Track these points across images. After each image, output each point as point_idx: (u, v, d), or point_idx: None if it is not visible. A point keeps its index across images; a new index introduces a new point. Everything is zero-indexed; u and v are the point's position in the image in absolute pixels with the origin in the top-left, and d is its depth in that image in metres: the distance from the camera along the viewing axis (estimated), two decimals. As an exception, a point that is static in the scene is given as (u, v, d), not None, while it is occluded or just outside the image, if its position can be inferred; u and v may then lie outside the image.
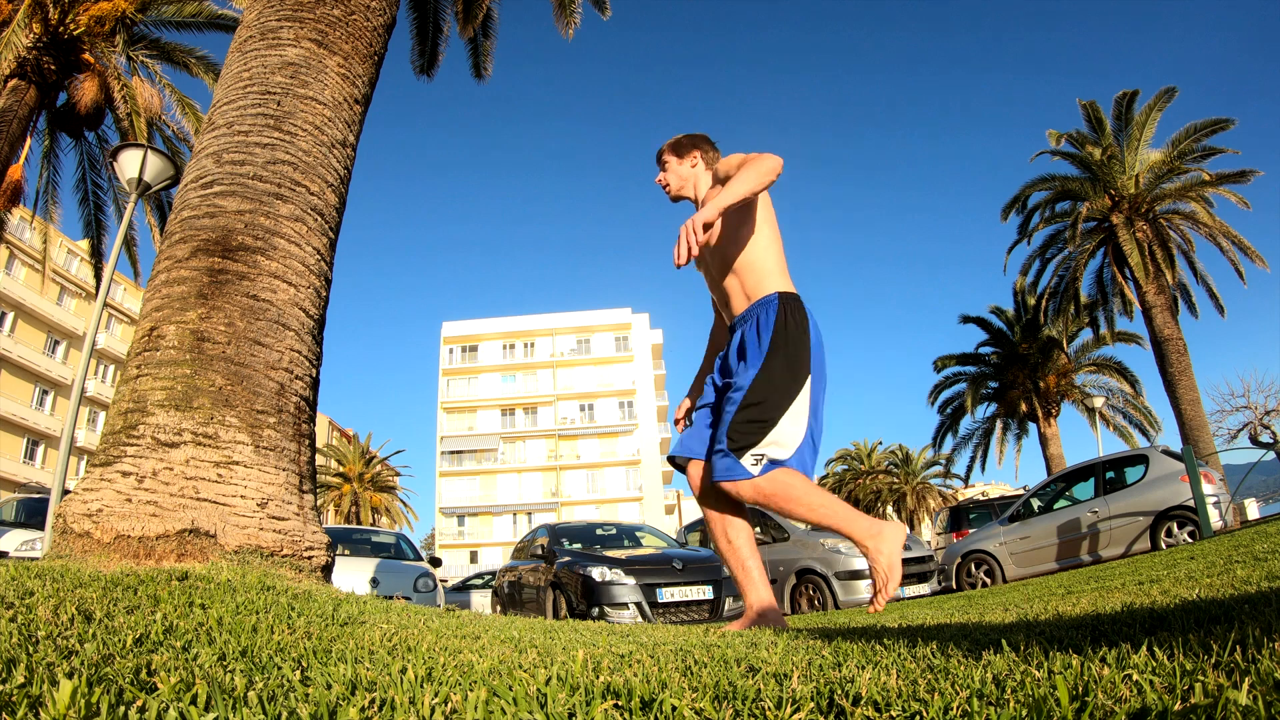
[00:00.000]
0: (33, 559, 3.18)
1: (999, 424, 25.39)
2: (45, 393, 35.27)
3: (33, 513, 9.66)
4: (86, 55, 11.23)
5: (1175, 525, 7.82)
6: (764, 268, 2.34)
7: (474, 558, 46.71)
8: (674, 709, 0.82)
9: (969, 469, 26.62)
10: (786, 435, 2.15)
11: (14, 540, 8.15)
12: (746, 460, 2.14)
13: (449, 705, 0.86)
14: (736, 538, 2.37)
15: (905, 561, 7.95)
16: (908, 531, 2.23)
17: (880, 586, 2.13)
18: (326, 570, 3.33)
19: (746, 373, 2.22)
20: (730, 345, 2.38)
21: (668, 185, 2.68)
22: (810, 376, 2.21)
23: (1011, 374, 23.93)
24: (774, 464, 2.15)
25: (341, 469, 41.64)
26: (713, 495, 2.36)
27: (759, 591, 2.32)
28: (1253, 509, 27.50)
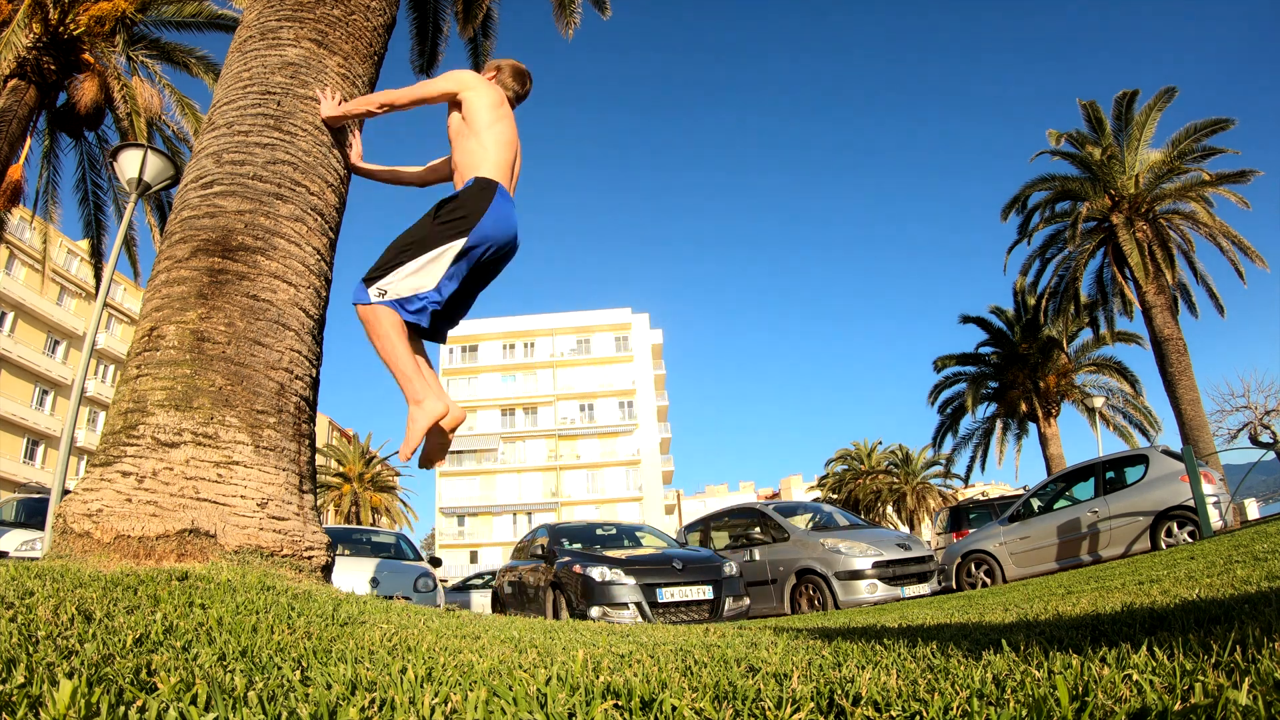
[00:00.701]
0: (33, 559, 3.18)
1: (999, 424, 25.39)
2: (45, 393, 35.26)
3: (33, 513, 9.66)
4: (86, 55, 11.23)
5: (1175, 525, 7.82)
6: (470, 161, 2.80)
7: (474, 558, 46.70)
8: (674, 709, 0.82)
9: (969, 469, 26.63)
10: (406, 282, 2.51)
11: (14, 540, 8.15)
12: (372, 291, 2.53)
13: (449, 705, 0.86)
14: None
15: (904, 562, 7.95)
16: (461, 416, 2.66)
17: (404, 444, 2.52)
18: (327, 570, 3.33)
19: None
20: None
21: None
22: (450, 245, 2.54)
23: (1011, 374, 23.93)
24: (388, 301, 2.51)
25: (341, 469, 41.63)
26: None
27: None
28: (1253, 509, 27.51)
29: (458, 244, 2.53)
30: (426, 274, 2.53)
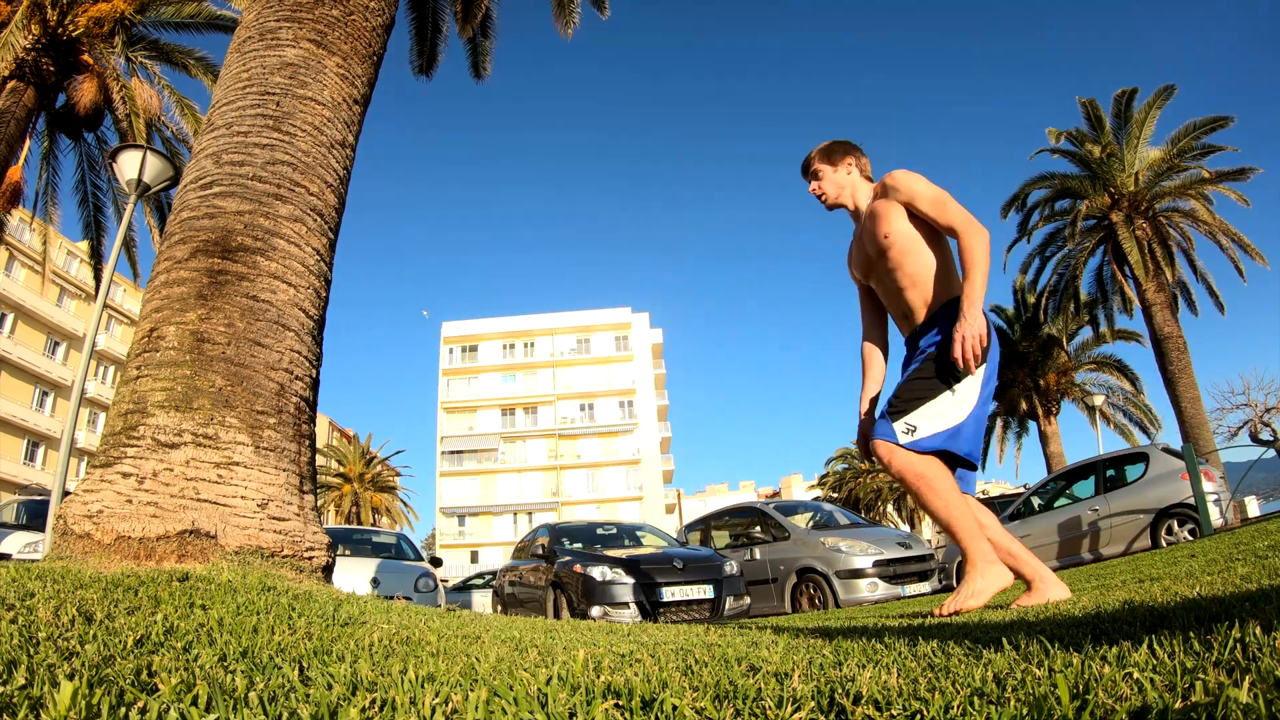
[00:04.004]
0: (35, 561, 3.18)
1: (999, 422, 25.38)
2: (45, 394, 35.25)
3: (35, 515, 9.65)
4: (85, 56, 11.22)
5: (1176, 523, 7.82)
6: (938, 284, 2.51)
7: (474, 558, 46.69)
8: (675, 708, 0.82)
9: (969, 468, 26.55)
10: (939, 417, 2.27)
11: (17, 542, 8.14)
12: (898, 425, 2.30)
13: (450, 705, 0.86)
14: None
15: (905, 560, 7.95)
16: (1008, 584, 2.35)
17: (956, 599, 2.27)
18: (327, 571, 3.33)
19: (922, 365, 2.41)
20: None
21: (824, 194, 2.70)
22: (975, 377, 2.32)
23: (1011, 372, 23.92)
24: (922, 441, 2.27)
25: (342, 469, 41.62)
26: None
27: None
28: (1253, 506, 27.52)
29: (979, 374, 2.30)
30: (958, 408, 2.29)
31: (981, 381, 2.33)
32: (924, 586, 8.05)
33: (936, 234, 2.46)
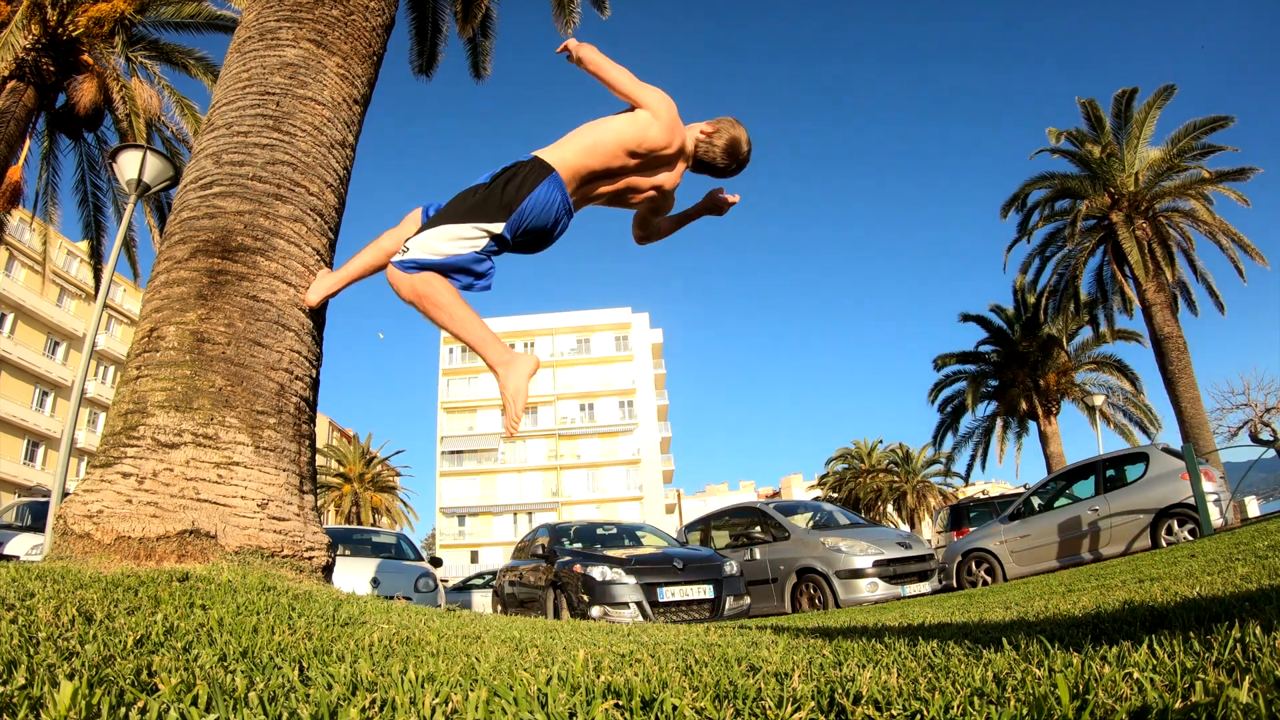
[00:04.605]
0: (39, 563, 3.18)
1: (999, 422, 25.38)
2: (45, 394, 35.26)
3: (39, 516, 9.64)
4: (85, 56, 11.22)
5: (1176, 523, 7.82)
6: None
7: (474, 558, 46.70)
8: (675, 708, 0.82)
9: (969, 467, 26.62)
10: (441, 244, 2.33)
11: (23, 545, 8.13)
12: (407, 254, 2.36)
13: (450, 705, 0.86)
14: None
15: (905, 560, 7.95)
16: (538, 362, 2.41)
17: (506, 411, 2.32)
18: (327, 571, 3.33)
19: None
20: None
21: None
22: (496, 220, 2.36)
23: (1011, 372, 23.92)
24: (419, 265, 2.33)
25: (342, 469, 41.63)
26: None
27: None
28: (1253, 506, 27.53)
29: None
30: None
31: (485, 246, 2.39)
32: (924, 586, 8.05)
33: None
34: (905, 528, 41.26)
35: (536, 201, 2.39)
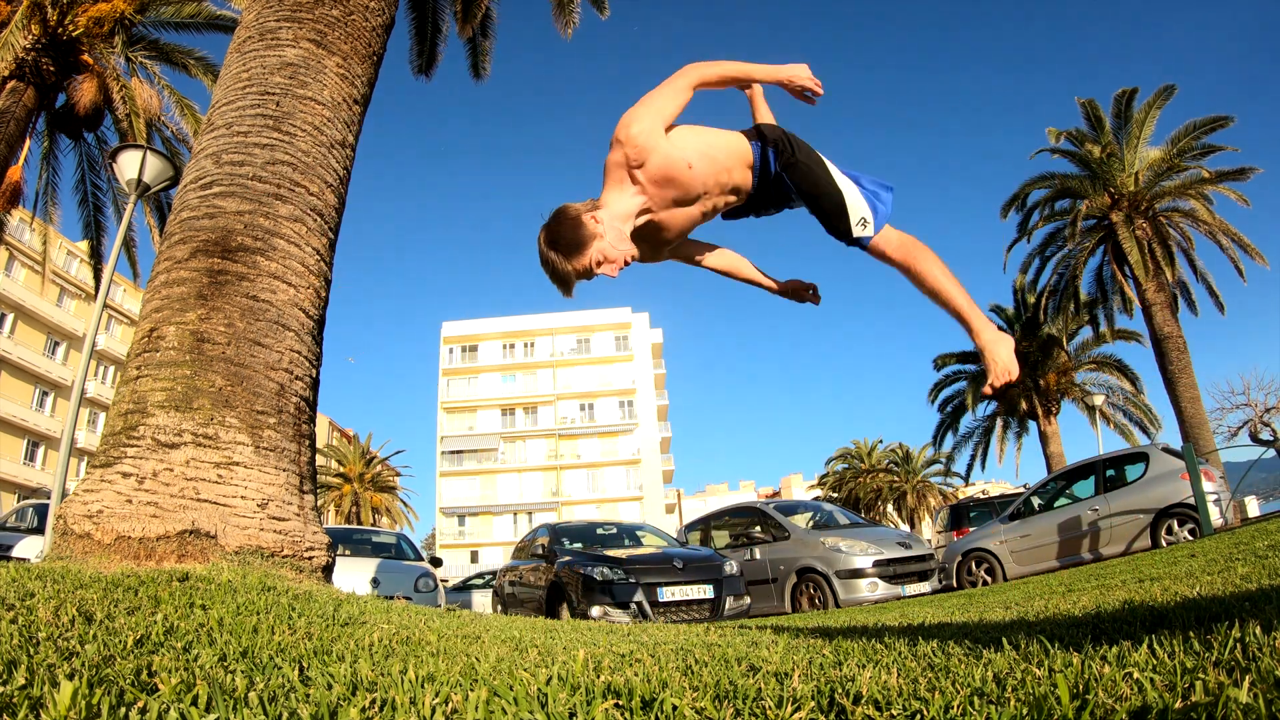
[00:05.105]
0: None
1: (999, 422, 25.38)
2: (45, 394, 35.26)
3: (46, 517, 9.65)
4: (85, 56, 11.22)
5: (1176, 523, 7.82)
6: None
7: (474, 558, 46.70)
8: (675, 708, 0.82)
9: (969, 467, 26.62)
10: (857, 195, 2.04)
11: (32, 547, 8.13)
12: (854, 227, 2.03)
13: (450, 705, 0.86)
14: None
15: (905, 560, 7.95)
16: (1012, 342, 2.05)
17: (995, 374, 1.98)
18: (327, 570, 3.33)
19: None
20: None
21: (630, 257, 2.08)
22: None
23: (1011, 372, 23.87)
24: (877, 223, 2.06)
25: (342, 469, 41.63)
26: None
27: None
28: (1253, 506, 27.52)
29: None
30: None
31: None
32: (924, 586, 8.05)
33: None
34: (905, 528, 41.25)
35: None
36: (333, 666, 1.14)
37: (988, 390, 2.08)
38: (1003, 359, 2.01)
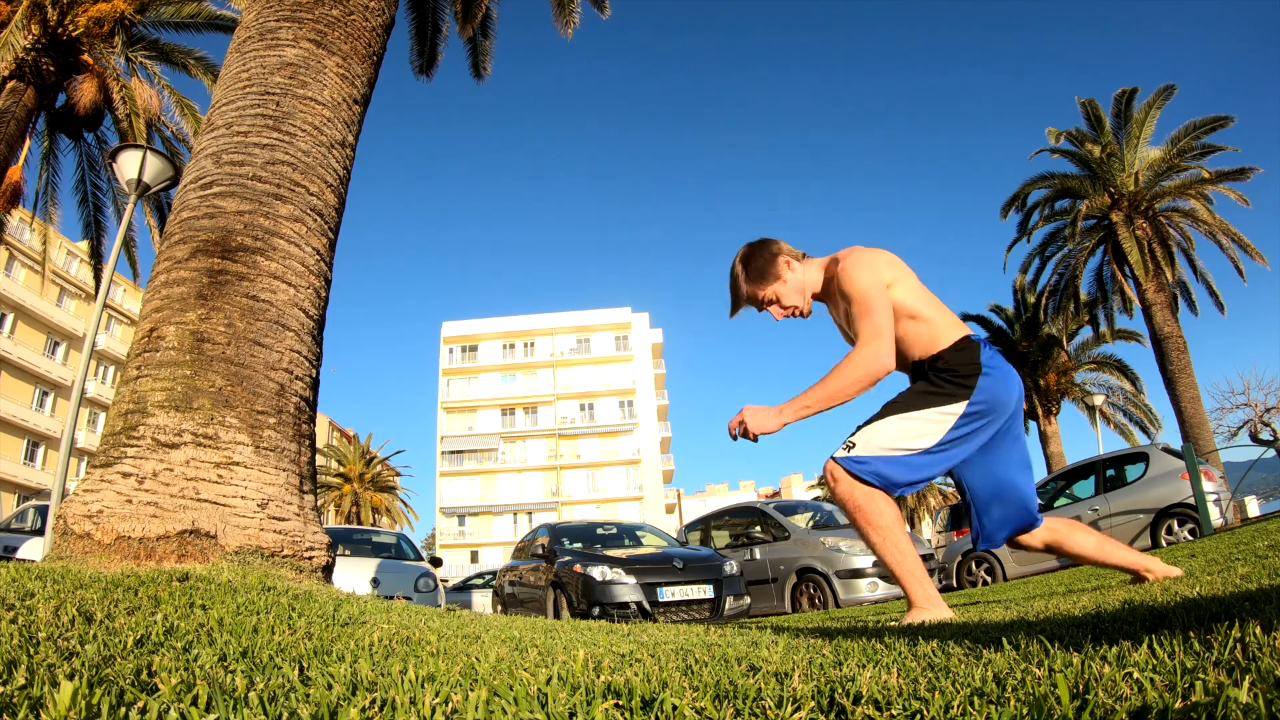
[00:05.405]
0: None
1: (999, 422, 25.32)
2: (45, 394, 35.26)
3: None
4: (85, 56, 11.22)
5: (1176, 523, 7.82)
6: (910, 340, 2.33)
7: (474, 557, 46.71)
8: (675, 708, 0.82)
9: (969, 467, 26.53)
10: (882, 439, 2.13)
11: (37, 549, 8.13)
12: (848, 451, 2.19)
13: (450, 705, 0.86)
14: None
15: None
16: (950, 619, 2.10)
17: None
18: (327, 570, 3.33)
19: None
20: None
21: (798, 310, 2.37)
22: (948, 408, 2.17)
23: (1012, 372, 23.87)
24: (860, 463, 2.14)
25: (342, 469, 41.63)
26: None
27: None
28: (1253, 506, 27.53)
29: (959, 405, 2.13)
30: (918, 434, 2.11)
31: (949, 429, 2.15)
32: (924, 586, 8.03)
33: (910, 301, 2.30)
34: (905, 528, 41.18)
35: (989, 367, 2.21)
36: (333, 666, 1.14)
37: None
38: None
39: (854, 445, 2.19)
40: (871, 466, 2.16)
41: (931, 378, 2.23)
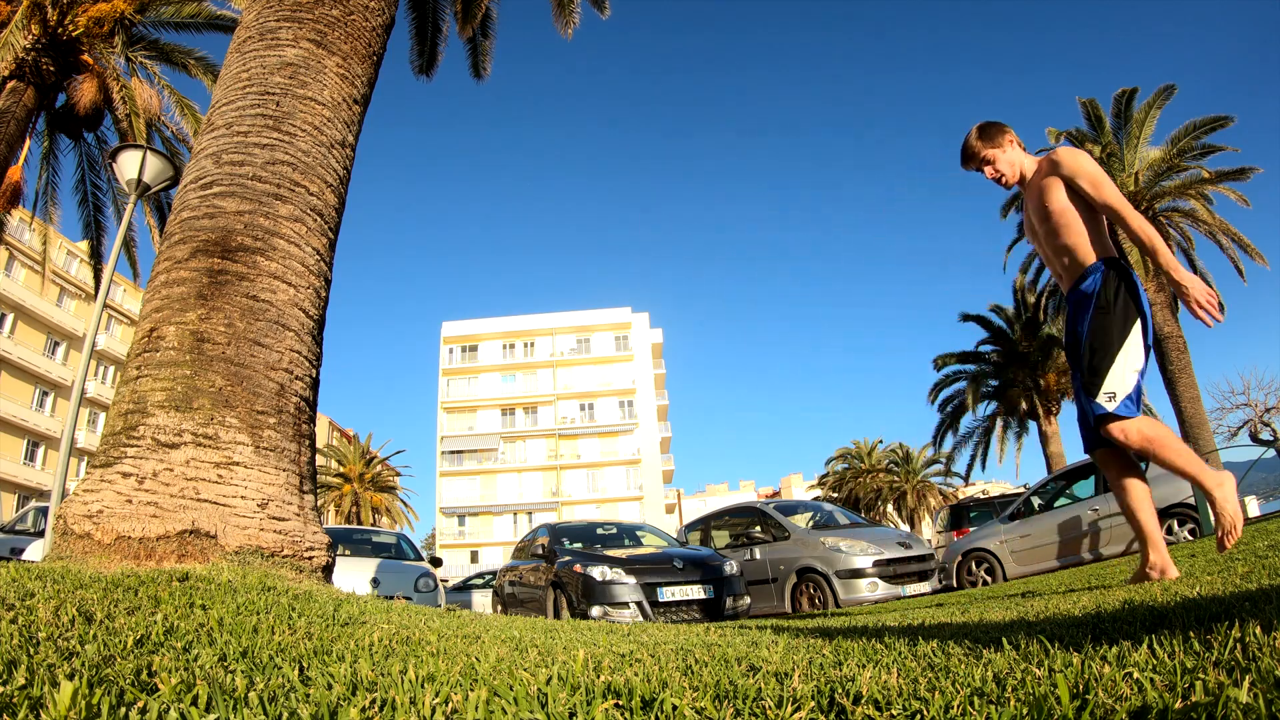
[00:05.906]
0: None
1: (999, 422, 25.37)
2: (45, 394, 35.26)
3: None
4: (85, 56, 11.22)
5: (1176, 523, 7.81)
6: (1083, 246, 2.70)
7: (474, 557, 46.70)
8: (674, 708, 0.82)
9: (969, 467, 26.60)
10: (1119, 380, 2.46)
11: (40, 551, 8.13)
12: (1101, 400, 2.51)
13: (450, 705, 0.86)
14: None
15: (905, 560, 7.95)
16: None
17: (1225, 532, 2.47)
18: (327, 570, 3.33)
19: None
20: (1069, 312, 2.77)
21: (1004, 177, 2.85)
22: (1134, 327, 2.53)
23: (1012, 372, 23.91)
24: (1130, 403, 2.46)
25: (342, 469, 41.62)
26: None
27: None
28: (1253, 506, 27.50)
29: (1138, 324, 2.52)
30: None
31: (1143, 332, 2.54)
32: (924, 586, 8.04)
33: (1090, 207, 2.70)
34: (905, 528, 41.25)
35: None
36: (333, 666, 1.14)
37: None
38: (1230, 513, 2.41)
39: (1114, 395, 2.50)
40: (1134, 404, 2.50)
41: (1114, 298, 2.57)
